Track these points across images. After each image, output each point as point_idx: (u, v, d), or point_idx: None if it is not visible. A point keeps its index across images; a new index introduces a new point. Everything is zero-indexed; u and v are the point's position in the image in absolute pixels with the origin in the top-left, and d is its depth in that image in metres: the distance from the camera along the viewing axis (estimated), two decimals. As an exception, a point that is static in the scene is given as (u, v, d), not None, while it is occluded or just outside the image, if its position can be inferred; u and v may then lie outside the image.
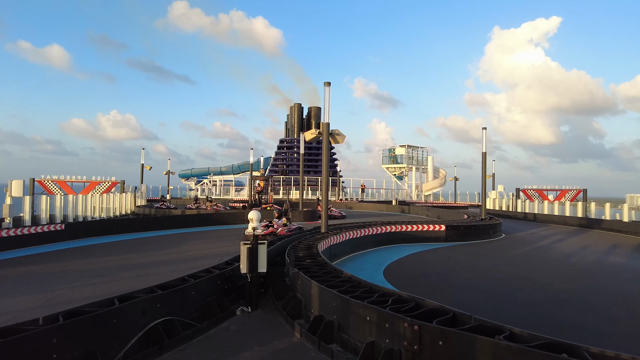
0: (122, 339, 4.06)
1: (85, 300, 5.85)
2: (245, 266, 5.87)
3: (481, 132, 18.02)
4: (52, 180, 20.33)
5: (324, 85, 10.81)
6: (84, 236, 13.54)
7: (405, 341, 3.73)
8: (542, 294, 7.51)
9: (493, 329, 3.50)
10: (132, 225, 15.70)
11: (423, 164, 46.80)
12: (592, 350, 2.94)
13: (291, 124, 46.00)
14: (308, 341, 4.70)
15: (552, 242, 15.46)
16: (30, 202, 16.63)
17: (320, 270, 6.27)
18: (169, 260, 9.61)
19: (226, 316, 5.51)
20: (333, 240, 10.14)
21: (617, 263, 11.10)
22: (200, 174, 58.75)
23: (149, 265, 9.26)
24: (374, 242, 12.44)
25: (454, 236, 14.06)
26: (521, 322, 5.59)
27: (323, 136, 11.31)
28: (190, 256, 10.52)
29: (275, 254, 8.19)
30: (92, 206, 20.12)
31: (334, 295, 4.74)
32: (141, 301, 4.48)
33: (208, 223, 18.01)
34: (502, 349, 3.07)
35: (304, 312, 5.48)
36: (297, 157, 41.20)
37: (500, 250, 12.89)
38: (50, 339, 3.49)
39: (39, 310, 5.64)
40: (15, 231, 11.50)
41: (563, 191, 27.69)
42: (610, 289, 8.01)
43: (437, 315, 3.95)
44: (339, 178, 41.04)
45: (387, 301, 4.46)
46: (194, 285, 5.36)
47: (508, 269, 9.95)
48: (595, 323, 5.84)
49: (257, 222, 6.18)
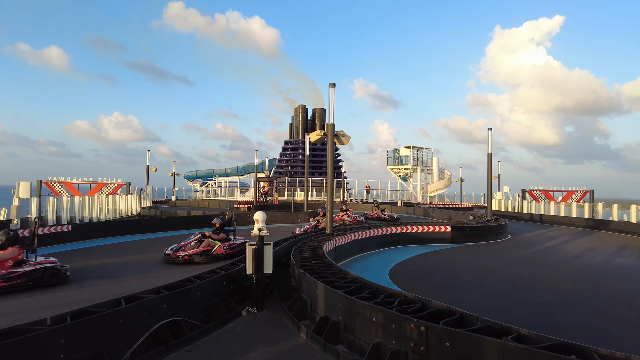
0: (128, 340, 4.08)
1: (92, 300, 5.89)
2: (251, 267, 5.88)
3: (485, 133, 17.95)
4: (59, 181, 20.50)
5: (328, 86, 10.81)
6: (91, 237, 13.62)
7: (412, 342, 3.71)
8: (549, 295, 7.45)
9: (500, 330, 3.48)
10: (138, 226, 15.77)
11: (428, 165, 46.62)
12: (601, 352, 2.91)
13: (296, 126, 46.02)
14: (314, 342, 4.70)
15: (558, 243, 15.34)
16: (38, 203, 16.78)
17: (326, 271, 6.27)
18: (174, 261, 9.62)
19: (232, 317, 5.52)
20: (338, 241, 10.13)
21: (625, 264, 10.99)
22: (205, 175, 59.05)
23: (154, 266, 9.29)
24: (379, 243, 12.41)
25: (460, 237, 13.99)
26: (528, 323, 5.54)
27: (328, 137, 11.31)
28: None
29: (280, 255, 8.20)
30: (98, 207, 20.26)
31: (340, 296, 4.73)
32: (147, 302, 4.50)
33: (213, 224, 18.04)
34: (510, 350, 3.05)
35: (309, 313, 5.47)
36: (301, 159, 41.21)
37: (506, 252, 12.80)
38: (58, 339, 3.51)
39: (47, 311, 5.68)
40: (23, 232, 11.59)
41: (569, 192, 27.50)
42: (619, 290, 7.93)
43: (444, 316, 3.93)
44: (344, 179, 41.02)
45: (393, 302, 4.44)
46: (199, 286, 5.37)
47: (514, 270, 9.88)
48: (604, 325, 5.78)
49: (263, 223, 6.18)
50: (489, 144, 17.79)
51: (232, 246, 10.19)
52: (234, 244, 10.28)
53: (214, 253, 9.78)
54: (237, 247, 10.23)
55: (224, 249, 10.01)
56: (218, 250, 9.88)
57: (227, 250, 10.03)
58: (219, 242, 10.07)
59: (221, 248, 9.96)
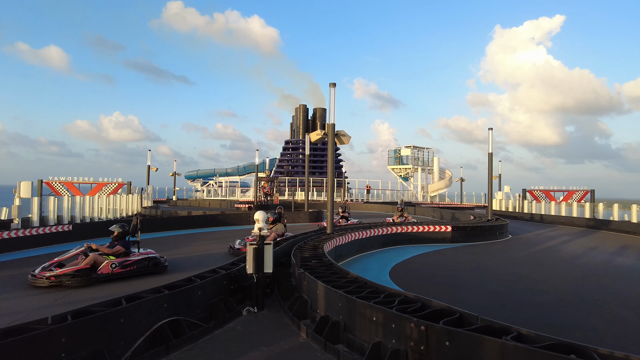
0: (129, 339, 4.09)
1: (93, 300, 5.91)
2: (252, 266, 5.89)
3: (485, 133, 17.91)
4: (60, 181, 20.53)
5: (329, 86, 10.81)
6: (91, 237, 13.60)
7: (412, 342, 3.72)
8: (549, 295, 7.45)
9: (500, 330, 3.48)
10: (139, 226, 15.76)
11: (429, 165, 46.61)
12: (601, 352, 2.91)
13: (296, 125, 46.05)
14: (314, 341, 4.71)
15: (559, 243, 15.33)
16: (39, 203, 16.80)
17: (326, 270, 6.27)
18: (175, 260, 9.64)
19: (232, 316, 5.53)
20: (339, 241, 10.13)
21: (626, 264, 10.98)
22: (206, 175, 59.06)
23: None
24: (379, 243, 12.41)
25: (460, 237, 13.99)
26: (528, 323, 5.54)
27: (329, 137, 11.31)
28: (196, 256, 10.57)
29: (281, 254, 8.21)
30: (99, 207, 20.27)
31: (340, 295, 4.74)
32: (148, 301, 4.51)
33: (214, 224, 18.10)
34: (510, 350, 3.05)
35: (310, 313, 5.48)
36: (302, 159, 41.22)
37: (506, 251, 12.80)
38: (59, 338, 3.52)
39: (47, 310, 5.69)
40: (24, 232, 11.62)
41: (570, 192, 27.48)
42: (619, 290, 7.93)
43: (444, 315, 3.94)
44: (345, 179, 41.01)
45: (393, 302, 4.45)
46: (200, 285, 5.38)
47: (515, 269, 9.88)
48: (604, 324, 5.78)
49: (263, 223, 6.19)
50: (490, 144, 17.77)
51: (126, 263, 7.82)
52: (128, 260, 7.90)
53: (99, 272, 7.46)
54: (132, 266, 7.92)
55: (112, 267, 7.57)
56: (104, 268, 7.50)
57: (114, 270, 7.60)
58: (114, 256, 7.81)
59: (108, 266, 7.53)
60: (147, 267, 8.21)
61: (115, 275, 7.66)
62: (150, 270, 8.24)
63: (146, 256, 8.32)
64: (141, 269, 8.11)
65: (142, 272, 8.11)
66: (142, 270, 8.11)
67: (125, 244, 8.21)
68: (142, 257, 8.23)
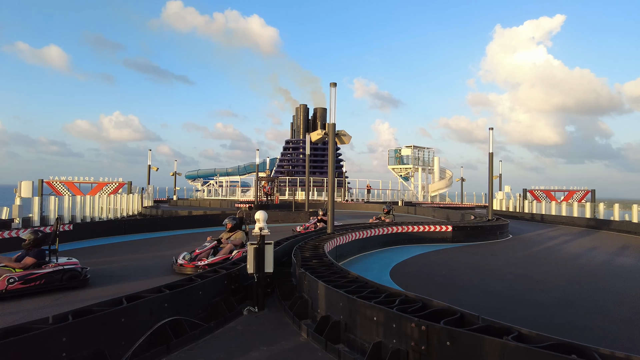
0: (130, 338, 4.09)
1: (94, 299, 5.91)
2: (252, 266, 5.89)
3: (485, 133, 17.87)
4: (60, 181, 20.53)
5: (330, 86, 10.80)
6: (92, 237, 13.65)
7: (413, 341, 3.72)
8: (550, 294, 7.45)
9: (501, 330, 3.48)
10: (140, 225, 15.81)
11: (429, 165, 46.62)
12: (602, 352, 2.91)
13: (297, 125, 46.06)
14: (315, 341, 4.71)
15: (560, 242, 15.32)
16: (39, 203, 16.82)
17: (327, 270, 6.27)
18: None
19: (233, 316, 5.53)
20: (339, 240, 10.13)
21: (626, 264, 10.97)
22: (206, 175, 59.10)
23: (156, 265, 9.30)
24: (380, 243, 12.42)
25: (461, 237, 13.99)
26: (529, 322, 5.54)
27: (329, 137, 11.31)
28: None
29: (281, 254, 8.21)
30: (100, 207, 20.30)
31: (341, 295, 4.74)
32: (149, 301, 4.51)
33: (214, 224, 18.08)
34: (511, 350, 3.05)
35: (310, 313, 5.48)
36: (303, 158, 41.22)
37: (507, 251, 12.79)
38: (60, 338, 3.52)
39: (48, 310, 5.70)
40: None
41: (571, 192, 27.46)
42: (620, 290, 7.92)
43: (445, 315, 3.94)
44: (345, 179, 41.00)
45: (394, 301, 4.45)
46: (201, 285, 5.38)
47: (515, 269, 9.88)
48: (605, 324, 5.78)
49: (264, 222, 6.19)
50: (490, 144, 17.75)
51: (30, 277, 6.48)
52: (34, 274, 6.54)
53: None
54: (38, 280, 6.56)
55: (9, 282, 6.25)
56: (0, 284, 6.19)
57: (10, 285, 6.27)
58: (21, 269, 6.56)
59: (4, 281, 6.22)
60: (59, 282, 6.76)
61: (11, 292, 6.25)
62: (64, 285, 6.80)
63: (61, 268, 6.86)
64: (51, 283, 6.66)
65: (53, 287, 6.68)
66: (51, 285, 6.67)
67: (38, 253, 6.86)
68: (54, 270, 6.76)
